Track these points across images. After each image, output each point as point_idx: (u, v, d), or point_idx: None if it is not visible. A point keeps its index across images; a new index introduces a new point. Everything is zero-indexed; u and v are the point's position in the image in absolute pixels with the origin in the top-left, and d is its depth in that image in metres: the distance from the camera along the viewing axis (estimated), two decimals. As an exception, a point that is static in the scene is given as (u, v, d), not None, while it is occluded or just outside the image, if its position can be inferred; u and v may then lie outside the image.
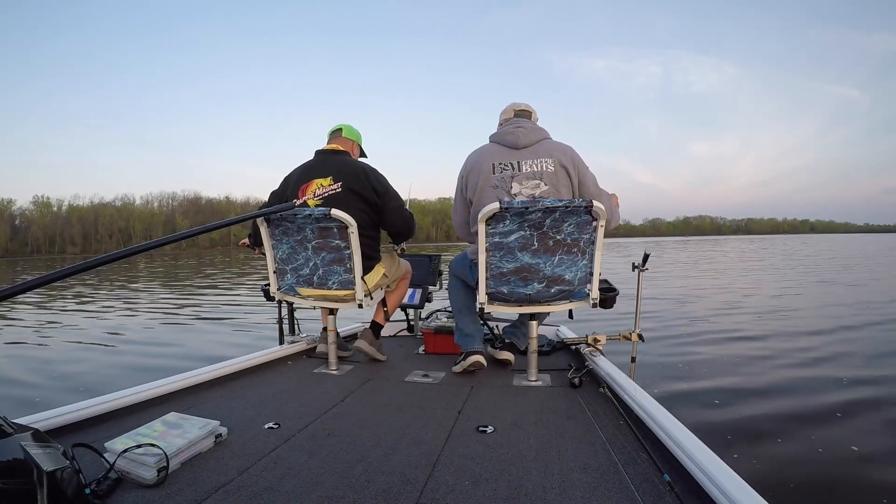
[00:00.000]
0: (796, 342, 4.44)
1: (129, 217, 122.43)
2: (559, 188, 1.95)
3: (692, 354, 4.04)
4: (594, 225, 1.77)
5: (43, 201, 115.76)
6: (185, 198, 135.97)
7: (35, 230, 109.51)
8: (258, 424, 1.47)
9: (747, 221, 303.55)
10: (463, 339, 2.14)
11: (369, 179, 2.17)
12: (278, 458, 1.23)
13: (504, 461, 1.21)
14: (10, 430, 0.85)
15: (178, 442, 1.20)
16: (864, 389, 3.04)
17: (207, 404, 1.68)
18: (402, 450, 1.28)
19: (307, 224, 1.97)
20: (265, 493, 1.06)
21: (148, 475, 1.09)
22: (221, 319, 6.72)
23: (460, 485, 1.09)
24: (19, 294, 0.89)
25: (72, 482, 0.91)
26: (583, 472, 1.15)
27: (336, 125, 2.41)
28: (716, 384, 3.21)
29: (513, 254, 1.81)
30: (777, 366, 3.65)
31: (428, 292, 2.94)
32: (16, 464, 0.81)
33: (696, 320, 5.72)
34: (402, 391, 1.84)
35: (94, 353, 4.76)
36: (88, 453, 1.10)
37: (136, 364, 4.21)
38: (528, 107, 2.16)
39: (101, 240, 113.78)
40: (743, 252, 27.35)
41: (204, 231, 1.38)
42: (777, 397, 2.93)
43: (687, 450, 1.10)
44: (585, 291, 1.88)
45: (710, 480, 0.97)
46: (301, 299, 2.17)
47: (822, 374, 3.40)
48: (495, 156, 1.99)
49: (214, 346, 4.85)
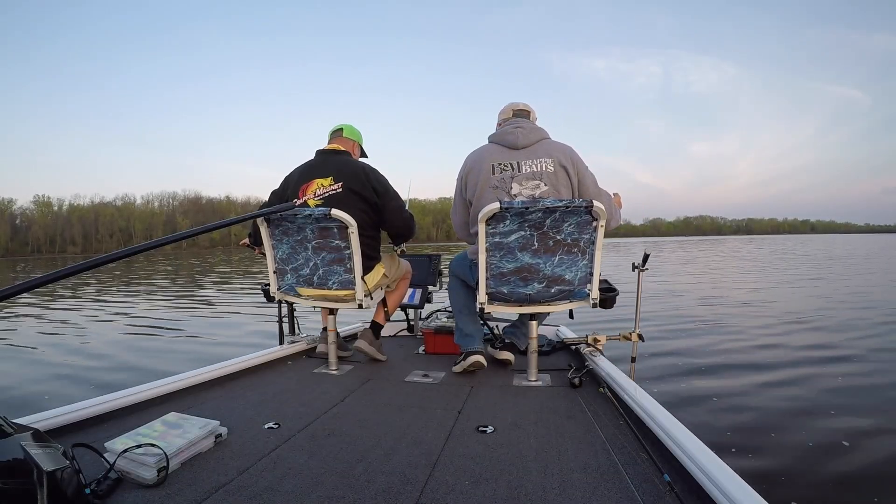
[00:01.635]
0: (796, 340, 4.44)
1: (129, 217, 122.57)
2: (559, 188, 1.95)
3: (692, 354, 4.04)
4: (594, 225, 1.77)
5: (43, 201, 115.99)
6: (185, 197, 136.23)
7: (36, 230, 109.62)
8: (258, 424, 1.47)
9: (748, 221, 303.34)
10: (463, 339, 2.14)
11: (370, 179, 2.17)
12: (278, 458, 1.23)
13: (504, 461, 1.21)
14: (10, 430, 0.85)
15: (178, 442, 1.20)
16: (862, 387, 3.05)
17: (207, 404, 1.68)
18: (402, 450, 1.28)
19: (307, 224, 1.97)
20: (265, 493, 1.06)
21: (148, 475, 1.09)
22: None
23: (460, 485, 1.09)
24: (19, 294, 0.89)
25: (72, 482, 0.91)
26: (583, 472, 1.15)
27: (337, 125, 2.41)
28: (716, 384, 3.21)
29: (513, 254, 1.81)
30: (777, 365, 3.65)
31: (428, 292, 2.94)
32: (16, 464, 0.81)
33: (696, 320, 5.72)
34: (402, 391, 1.84)
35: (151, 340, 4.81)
36: (88, 453, 1.10)
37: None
38: (526, 106, 2.16)
39: (101, 239, 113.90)
40: (737, 251, 27.39)
41: (204, 231, 1.38)
42: (777, 396, 2.93)
43: (687, 450, 1.10)
44: (585, 291, 1.88)
45: (710, 480, 0.97)
46: (301, 299, 2.17)
47: (821, 372, 3.40)
48: (495, 156, 1.99)
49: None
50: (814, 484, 1.95)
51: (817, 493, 1.89)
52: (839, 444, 2.27)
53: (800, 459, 2.14)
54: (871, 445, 2.27)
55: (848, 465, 2.09)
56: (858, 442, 2.29)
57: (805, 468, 2.06)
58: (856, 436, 2.35)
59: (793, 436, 2.37)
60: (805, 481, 1.96)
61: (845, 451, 2.22)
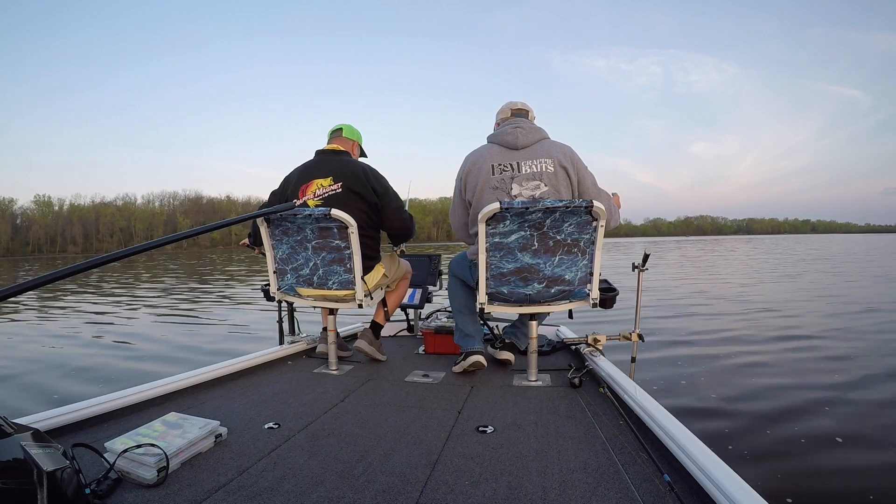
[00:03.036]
0: (795, 339, 4.43)
1: (130, 216, 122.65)
2: (559, 189, 1.94)
3: (692, 354, 4.04)
4: (594, 225, 1.77)
5: (44, 200, 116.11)
6: (186, 197, 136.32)
7: (36, 229, 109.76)
8: (258, 424, 1.47)
9: (748, 222, 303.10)
10: (463, 340, 2.13)
11: (369, 180, 2.17)
12: (278, 458, 1.23)
13: (504, 461, 1.21)
14: (10, 430, 0.85)
15: (178, 442, 1.20)
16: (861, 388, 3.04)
17: (207, 404, 1.68)
18: (402, 450, 1.28)
19: (307, 224, 1.97)
20: (265, 493, 1.06)
21: (148, 475, 1.09)
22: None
23: (460, 485, 1.09)
24: (19, 294, 0.89)
25: (72, 482, 0.91)
26: (583, 472, 1.15)
27: (336, 125, 2.41)
28: (716, 384, 3.20)
29: (513, 254, 1.81)
30: (777, 364, 3.65)
31: (428, 292, 2.94)
32: (16, 464, 0.81)
33: (695, 320, 5.72)
34: (402, 391, 1.84)
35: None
36: (88, 453, 1.10)
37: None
38: (524, 105, 2.15)
39: (102, 239, 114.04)
40: (732, 252, 27.41)
41: (205, 231, 1.38)
42: (778, 396, 2.92)
43: (687, 450, 1.10)
44: (585, 291, 1.88)
45: (710, 480, 0.97)
46: (301, 299, 2.17)
47: (821, 371, 3.40)
48: (494, 157, 1.99)
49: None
50: (813, 482, 1.95)
51: (816, 491, 1.89)
52: (838, 443, 2.27)
53: (799, 458, 2.14)
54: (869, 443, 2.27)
55: (848, 463, 2.09)
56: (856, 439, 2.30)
57: (804, 467, 2.06)
58: (852, 433, 2.36)
59: (792, 435, 2.37)
60: (805, 481, 1.96)
61: (844, 448, 2.22)
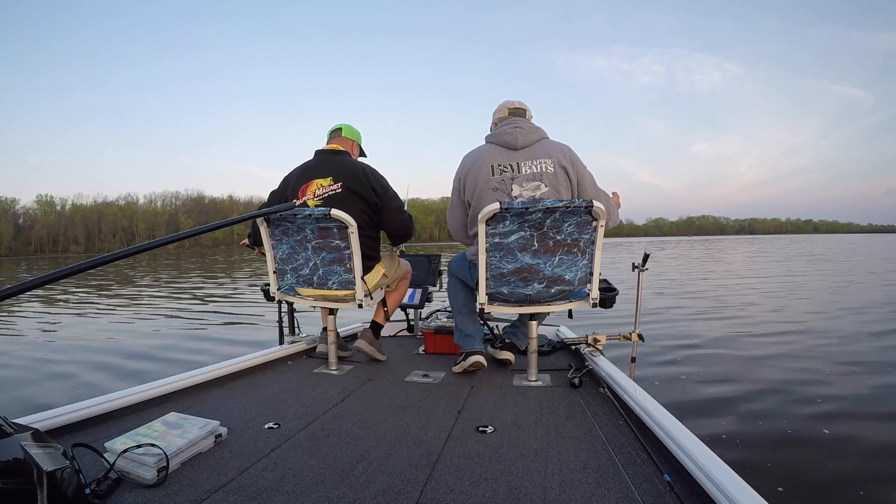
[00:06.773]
0: (795, 339, 4.43)
1: (132, 216, 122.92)
2: (559, 189, 1.94)
3: (692, 354, 4.03)
4: (594, 225, 1.77)
5: (46, 200, 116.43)
6: (188, 197, 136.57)
7: (38, 229, 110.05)
8: (258, 424, 1.48)
9: (750, 221, 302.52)
10: (463, 340, 2.13)
11: (369, 180, 2.17)
12: (278, 458, 1.24)
13: (504, 461, 1.21)
14: (10, 430, 0.85)
15: (178, 442, 1.20)
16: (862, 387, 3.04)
17: (207, 404, 1.68)
18: (402, 450, 1.28)
19: (307, 224, 1.97)
20: (265, 493, 1.06)
21: (148, 475, 1.09)
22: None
23: (460, 485, 1.09)
24: (19, 294, 0.89)
25: (72, 482, 0.91)
26: (583, 472, 1.15)
27: (336, 125, 2.41)
28: (716, 383, 3.20)
29: (513, 254, 1.81)
30: (778, 364, 3.64)
31: (428, 292, 2.93)
32: (16, 464, 0.81)
33: (695, 320, 5.71)
34: (402, 391, 1.84)
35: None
36: (88, 453, 1.11)
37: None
38: (522, 104, 2.12)
39: (104, 239, 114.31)
40: (727, 252, 27.40)
41: (205, 231, 1.38)
42: (778, 396, 2.92)
43: (687, 450, 1.09)
44: (585, 291, 1.88)
45: (710, 480, 0.97)
46: (301, 299, 2.17)
47: (821, 369, 3.39)
48: (494, 157, 1.98)
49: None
50: (814, 482, 1.94)
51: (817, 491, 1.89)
52: (839, 443, 2.27)
53: (799, 458, 2.14)
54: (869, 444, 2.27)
55: (848, 463, 2.09)
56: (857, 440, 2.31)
57: (805, 467, 2.06)
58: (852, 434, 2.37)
59: (793, 435, 2.37)
60: (805, 480, 1.96)
61: (844, 448, 2.22)
